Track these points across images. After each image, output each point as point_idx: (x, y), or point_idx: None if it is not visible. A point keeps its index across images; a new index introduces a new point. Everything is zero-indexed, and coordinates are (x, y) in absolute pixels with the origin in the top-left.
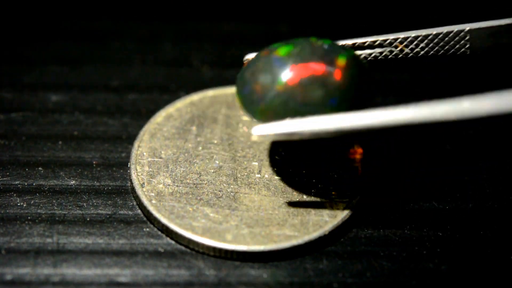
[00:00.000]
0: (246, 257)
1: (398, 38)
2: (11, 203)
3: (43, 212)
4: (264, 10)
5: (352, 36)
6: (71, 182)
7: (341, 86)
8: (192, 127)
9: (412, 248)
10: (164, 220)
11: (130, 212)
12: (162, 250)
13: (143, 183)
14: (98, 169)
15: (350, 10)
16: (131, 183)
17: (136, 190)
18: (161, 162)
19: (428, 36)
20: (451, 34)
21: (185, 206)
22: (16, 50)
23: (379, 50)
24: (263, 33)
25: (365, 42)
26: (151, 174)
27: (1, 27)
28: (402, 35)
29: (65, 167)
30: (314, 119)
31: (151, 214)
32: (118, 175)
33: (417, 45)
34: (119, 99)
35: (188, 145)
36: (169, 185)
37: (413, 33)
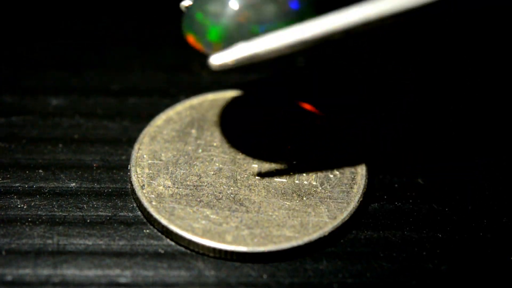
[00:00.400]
0: (246, 258)
1: None
2: (12, 205)
3: (44, 214)
4: None
5: None
6: (71, 184)
7: None
8: (192, 130)
9: (412, 249)
10: (164, 222)
11: (130, 214)
12: (162, 251)
13: (143, 185)
14: (98, 172)
15: None
16: (131, 185)
17: (136, 192)
18: (161, 165)
19: None
20: None
21: (185, 208)
22: (17, 54)
23: None
24: None
25: None
26: (151, 176)
27: (2, 31)
28: None
29: (66, 170)
30: (273, 35)
31: (151, 216)
32: (118, 177)
33: None
34: (119, 103)
35: (188, 148)
36: (169, 187)
37: None
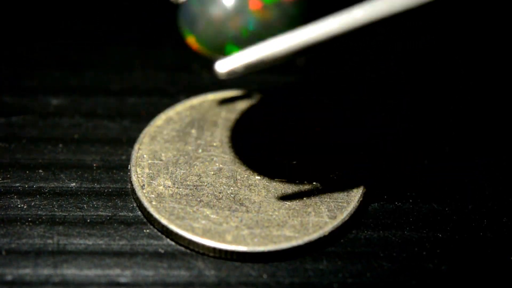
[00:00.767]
0: (246, 258)
1: None
2: (12, 205)
3: (44, 214)
4: None
5: None
6: (72, 184)
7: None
8: (192, 130)
9: (412, 249)
10: (164, 221)
11: (130, 214)
12: (163, 251)
13: (143, 185)
14: (99, 172)
15: None
16: (131, 185)
17: (136, 192)
18: (161, 165)
19: None
20: None
21: (185, 208)
22: (17, 54)
23: None
24: None
25: None
26: (151, 176)
27: (2, 31)
28: None
29: (66, 170)
30: (280, 39)
31: (151, 216)
32: (118, 177)
33: None
34: (120, 103)
35: (188, 148)
36: (169, 187)
37: None
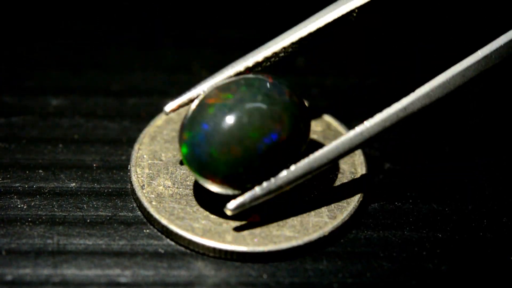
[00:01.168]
0: (246, 258)
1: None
2: (12, 205)
3: (44, 214)
4: (263, 16)
5: None
6: (71, 185)
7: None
8: None
9: (412, 249)
10: (164, 221)
11: (130, 214)
12: (162, 251)
13: (143, 185)
14: (98, 172)
15: None
16: (131, 185)
17: (136, 192)
18: (161, 165)
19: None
20: None
21: (185, 208)
22: (17, 54)
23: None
24: (262, 39)
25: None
26: (151, 176)
27: (2, 31)
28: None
29: (66, 170)
30: (285, 172)
31: (151, 216)
32: (118, 178)
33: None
34: (119, 103)
35: None
36: (169, 187)
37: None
